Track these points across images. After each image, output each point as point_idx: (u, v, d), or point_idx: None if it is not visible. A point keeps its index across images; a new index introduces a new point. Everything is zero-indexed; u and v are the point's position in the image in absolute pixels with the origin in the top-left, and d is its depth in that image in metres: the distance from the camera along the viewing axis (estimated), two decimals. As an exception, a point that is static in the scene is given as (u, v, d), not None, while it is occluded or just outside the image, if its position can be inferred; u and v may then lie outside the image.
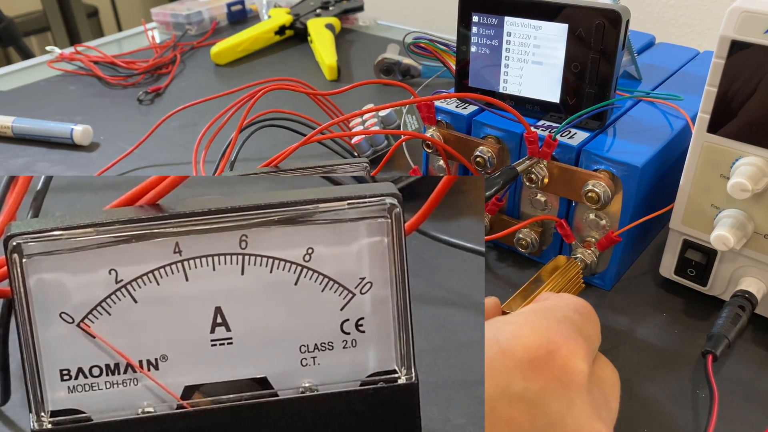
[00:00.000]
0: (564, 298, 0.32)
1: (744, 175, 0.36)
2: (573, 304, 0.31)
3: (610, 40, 0.40)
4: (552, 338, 0.27)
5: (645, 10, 0.97)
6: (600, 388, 0.28)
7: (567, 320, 0.28)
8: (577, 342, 0.27)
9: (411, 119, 0.60)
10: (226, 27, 0.99)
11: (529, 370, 0.26)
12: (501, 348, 0.26)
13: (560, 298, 0.32)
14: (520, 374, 0.26)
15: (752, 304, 0.39)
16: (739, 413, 0.36)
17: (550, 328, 0.27)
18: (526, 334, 0.27)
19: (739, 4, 0.34)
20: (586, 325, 0.29)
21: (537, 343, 0.26)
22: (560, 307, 0.30)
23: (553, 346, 0.26)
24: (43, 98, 0.77)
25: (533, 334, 0.27)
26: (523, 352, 0.26)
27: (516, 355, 0.26)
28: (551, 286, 0.38)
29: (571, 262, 0.41)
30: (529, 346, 0.26)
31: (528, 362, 0.26)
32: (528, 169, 0.43)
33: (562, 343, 0.26)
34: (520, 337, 0.27)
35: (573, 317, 0.29)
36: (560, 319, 0.28)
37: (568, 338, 0.27)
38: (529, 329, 0.27)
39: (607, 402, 0.28)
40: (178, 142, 0.66)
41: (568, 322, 0.28)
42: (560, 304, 0.31)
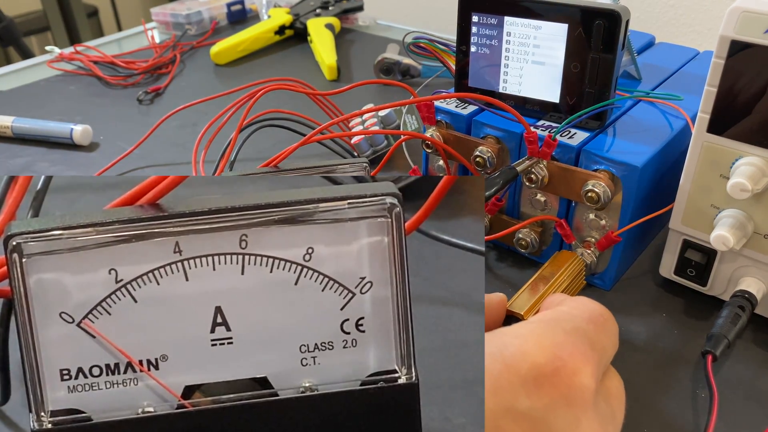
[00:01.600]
0: (580, 305, 0.30)
1: (744, 175, 0.36)
2: (588, 313, 0.29)
3: (610, 40, 0.40)
4: (558, 354, 0.26)
5: (645, 10, 0.97)
6: (607, 401, 0.28)
7: (577, 332, 0.28)
8: (585, 357, 0.26)
9: (411, 119, 0.60)
10: (225, 27, 0.98)
11: (534, 388, 0.25)
12: (506, 364, 0.25)
13: (575, 305, 0.30)
14: (525, 392, 0.25)
15: (752, 304, 0.39)
16: (739, 413, 0.36)
17: (558, 343, 0.26)
18: (533, 350, 0.26)
19: (739, 4, 0.34)
20: (599, 336, 0.28)
21: (543, 360, 0.26)
22: (572, 317, 0.29)
23: (559, 363, 0.26)
24: (42, 98, 0.77)
25: (539, 351, 0.26)
26: (529, 369, 0.25)
27: (521, 372, 0.25)
28: (557, 286, 0.38)
29: (576, 259, 0.41)
30: (535, 363, 0.25)
31: (533, 380, 0.25)
32: (528, 169, 0.43)
33: (568, 360, 0.26)
34: (526, 353, 0.26)
35: (585, 328, 0.28)
36: (569, 330, 0.27)
37: (575, 354, 0.26)
38: (536, 345, 0.26)
39: (613, 415, 0.28)
40: (178, 142, 0.66)
41: (578, 334, 0.27)
42: (573, 312, 0.29)
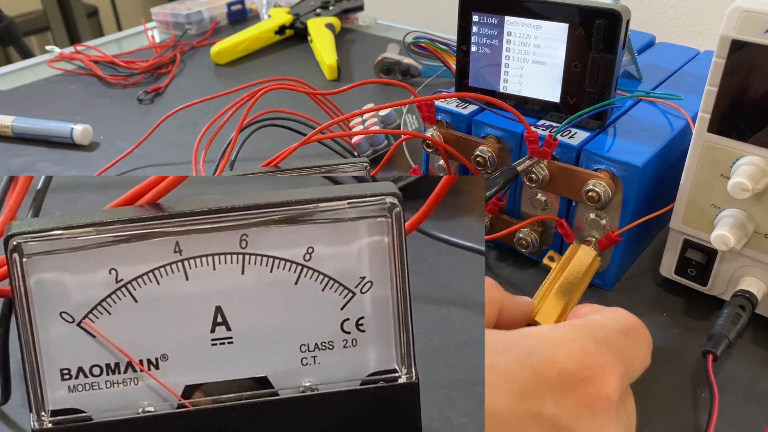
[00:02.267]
0: (614, 315, 0.30)
1: (744, 175, 0.36)
2: (620, 325, 0.29)
3: (611, 40, 0.40)
4: (588, 364, 0.26)
5: (645, 10, 0.97)
6: (627, 412, 0.28)
7: (608, 342, 0.27)
8: (613, 368, 0.26)
9: (411, 119, 0.60)
10: (226, 26, 0.98)
11: (561, 395, 0.25)
12: (535, 369, 0.25)
13: (609, 315, 0.30)
14: (553, 399, 0.25)
15: (752, 304, 0.39)
16: (739, 413, 0.36)
17: (588, 352, 0.26)
18: (563, 357, 0.26)
19: (740, 4, 0.34)
20: (629, 348, 0.28)
21: (572, 368, 0.25)
22: (604, 327, 0.28)
23: (587, 372, 0.25)
24: (43, 98, 0.77)
25: (570, 359, 0.26)
26: (558, 377, 0.25)
27: (551, 379, 0.25)
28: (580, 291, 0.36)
29: (595, 259, 0.38)
30: (565, 371, 0.25)
31: (561, 387, 0.25)
32: (528, 169, 0.43)
33: (596, 370, 0.26)
34: (556, 360, 0.25)
35: (616, 339, 0.28)
36: (600, 340, 0.27)
37: (604, 365, 0.26)
38: (566, 352, 0.26)
39: (630, 421, 0.28)
40: (178, 141, 0.66)
41: (608, 344, 0.27)
42: (606, 323, 0.29)
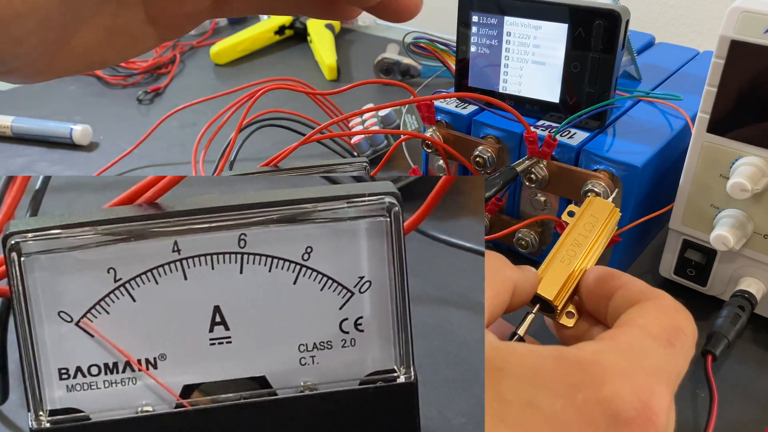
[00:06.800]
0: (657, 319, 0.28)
1: (744, 175, 0.36)
2: (666, 333, 0.28)
3: (610, 40, 0.40)
4: (646, 401, 0.25)
5: (645, 10, 0.98)
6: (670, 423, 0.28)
7: (659, 373, 0.27)
8: (664, 397, 0.26)
9: (411, 119, 0.60)
10: (225, 27, 0.98)
11: (614, 429, 0.25)
12: (580, 412, 0.25)
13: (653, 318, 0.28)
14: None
15: (752, 304, 0.39)
16: (738, 413, 0.36)
17: (641, 388, 0.26)
18: (611, 400, 0.25)
19: (739, 4, 0.34)
20: (678, 362, 0.28)
21: (633, 404, 0.25)
22: (650, 348, 0.27)
23: (640, 407, 0.25)
24: (42, 98, 0.77)
25: (621, 403, 0.25)
26: (604, 421, 0.25)
27: (596, 424, 0.25)
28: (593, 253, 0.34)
29: (613, 212, 0.34)
30: (612, 415, 0.25)
31: (615, 421, 0.25)
32: (528, 169, 0.43)
33: (650, 403, 0.25)
34: (604, 403, 0.25)
35: (665, 362, 0.27)
36: (650, 371, 0.26)
37: (657, 396, 0.26)
38: (613, 393, 0.25)
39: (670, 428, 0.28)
40: (178, 141, 0.66)
41: (659, 374, 0.27)
42: (650, 341, 0.28)
